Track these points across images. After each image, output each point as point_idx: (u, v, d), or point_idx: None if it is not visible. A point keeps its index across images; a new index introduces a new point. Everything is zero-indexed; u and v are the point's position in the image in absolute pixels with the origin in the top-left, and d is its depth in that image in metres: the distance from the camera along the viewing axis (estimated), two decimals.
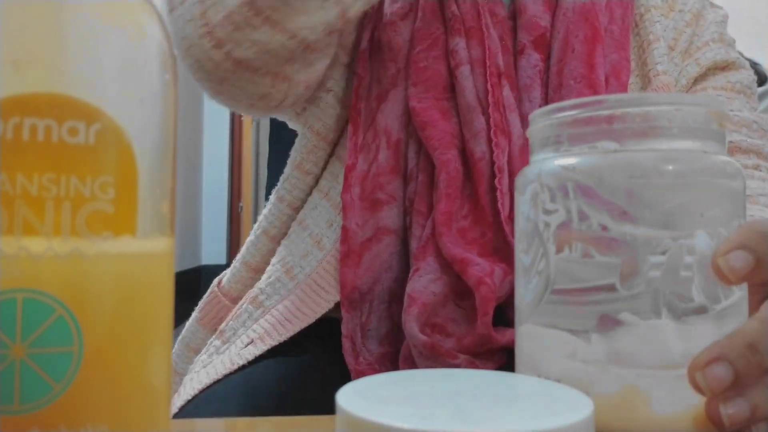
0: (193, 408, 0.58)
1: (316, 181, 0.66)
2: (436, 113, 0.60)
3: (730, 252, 0.32)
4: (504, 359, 0.57)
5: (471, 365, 0.53)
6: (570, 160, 0.34)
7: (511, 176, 0.59)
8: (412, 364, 0.55)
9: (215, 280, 0.71)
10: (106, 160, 0.23)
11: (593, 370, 0.33)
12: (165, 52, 0.25)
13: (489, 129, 0.59)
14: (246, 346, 0.60)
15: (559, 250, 0.34)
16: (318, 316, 0.59)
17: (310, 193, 0.66)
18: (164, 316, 0.25)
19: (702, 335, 0.32)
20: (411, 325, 0.54)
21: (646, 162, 0.33)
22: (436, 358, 0.53)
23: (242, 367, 0.59)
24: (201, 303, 0.70)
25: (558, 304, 0.34)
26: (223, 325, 0.65)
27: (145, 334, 0.24)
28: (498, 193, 0.57)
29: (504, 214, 0.57)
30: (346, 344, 0.58)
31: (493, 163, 0.58)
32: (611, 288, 0.33)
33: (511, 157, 0.59)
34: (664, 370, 0.32)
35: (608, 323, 0.33)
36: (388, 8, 0.64)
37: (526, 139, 0.59)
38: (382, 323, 0.59)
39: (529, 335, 0.36)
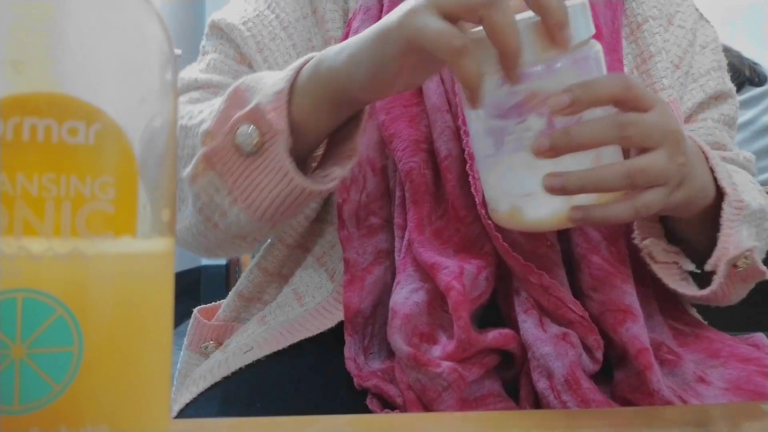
0: (192, 410, 0.58)
1: (312, 223, 0.66)
2: (403, 122, 0.60)
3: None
4: (494, 361, 0.56)
5: (453, 372, 0.52)
6: None
7: None
8: (406, 375, 0.55)
9: (196, 309, 0.73)
10: (106, 160, 0.23)
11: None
12: (165, 52, 0.25)
13: (456, 123, 0.59)
14: (245, 353, 0.60)
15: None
16: (320, 331, 0.60)
17: (310, 231, 0.66)
18: (164, 316, 0.25)
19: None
20: (395, 338, 0.54)
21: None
22: (420, 369, 0.53)
23: (241, 369, 0.59)
24: (188, 331, 0.72)
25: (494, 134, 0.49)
26: (228, 340, 0.65)
27: (144, 334, 0.24)
28: (470, 179, 0.57)
29: (479, 199, 0.57)
30: (349, 364, 0.58)
31: (463, 153, 0.58)
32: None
33: None
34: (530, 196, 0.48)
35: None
36: None
37: None
38: (383, 345, 0.59)
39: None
